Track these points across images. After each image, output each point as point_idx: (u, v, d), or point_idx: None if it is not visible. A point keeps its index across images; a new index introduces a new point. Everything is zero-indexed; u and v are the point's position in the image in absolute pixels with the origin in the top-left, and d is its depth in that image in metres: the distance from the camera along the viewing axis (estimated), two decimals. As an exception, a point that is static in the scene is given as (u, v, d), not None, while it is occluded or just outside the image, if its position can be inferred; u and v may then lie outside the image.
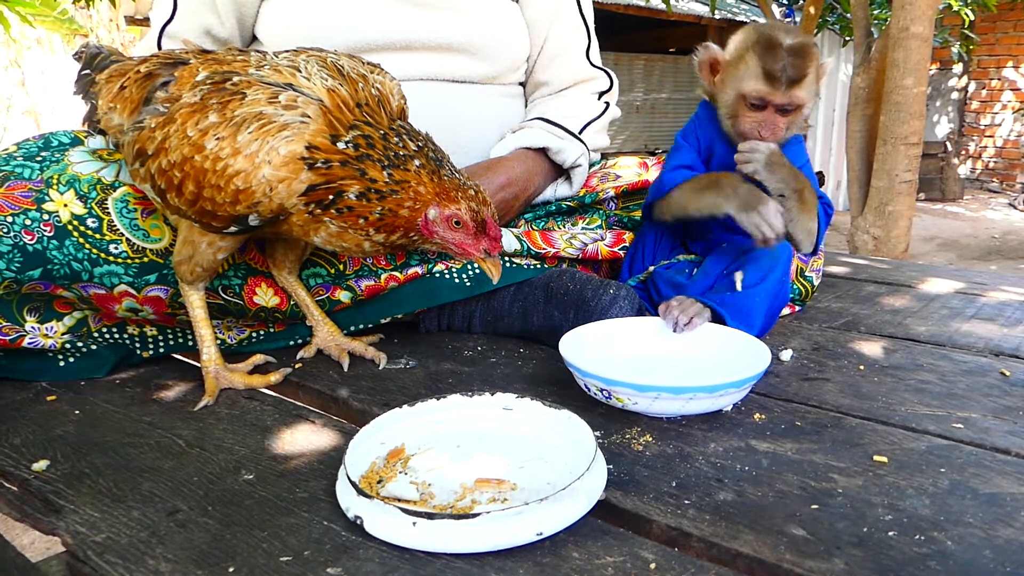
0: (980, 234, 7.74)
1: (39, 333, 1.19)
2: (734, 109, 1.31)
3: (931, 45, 4.14)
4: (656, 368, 1.14)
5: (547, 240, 1.43)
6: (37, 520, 0.83)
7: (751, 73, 1.26)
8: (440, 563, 0.73)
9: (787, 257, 1.32)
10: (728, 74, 1.31)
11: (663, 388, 0.99)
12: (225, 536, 0.78)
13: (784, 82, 1.24)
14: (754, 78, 1.26)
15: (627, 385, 1.00)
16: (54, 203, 1.14)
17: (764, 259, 1.29)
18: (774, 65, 1.24)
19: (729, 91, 1.31)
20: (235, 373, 1.17)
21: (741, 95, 1.28)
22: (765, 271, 1.29)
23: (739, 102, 1.29)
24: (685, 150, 1.41)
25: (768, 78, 1.25)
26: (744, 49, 1.28)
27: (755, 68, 1.26)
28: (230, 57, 1.09)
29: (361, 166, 1.02)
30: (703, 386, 0.99)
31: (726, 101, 1.32)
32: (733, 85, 1.30)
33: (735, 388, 1.01)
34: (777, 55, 1.24)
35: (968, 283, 1.84)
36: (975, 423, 1.04)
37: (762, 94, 1.26)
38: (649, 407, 1.02)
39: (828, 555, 0.74)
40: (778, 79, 1.24)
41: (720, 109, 1.35)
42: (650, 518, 0.80)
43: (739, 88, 1.28)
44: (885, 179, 4.29)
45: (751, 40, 1.28)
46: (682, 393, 0.99)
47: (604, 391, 1.03)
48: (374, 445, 0.91)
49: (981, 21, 10.00)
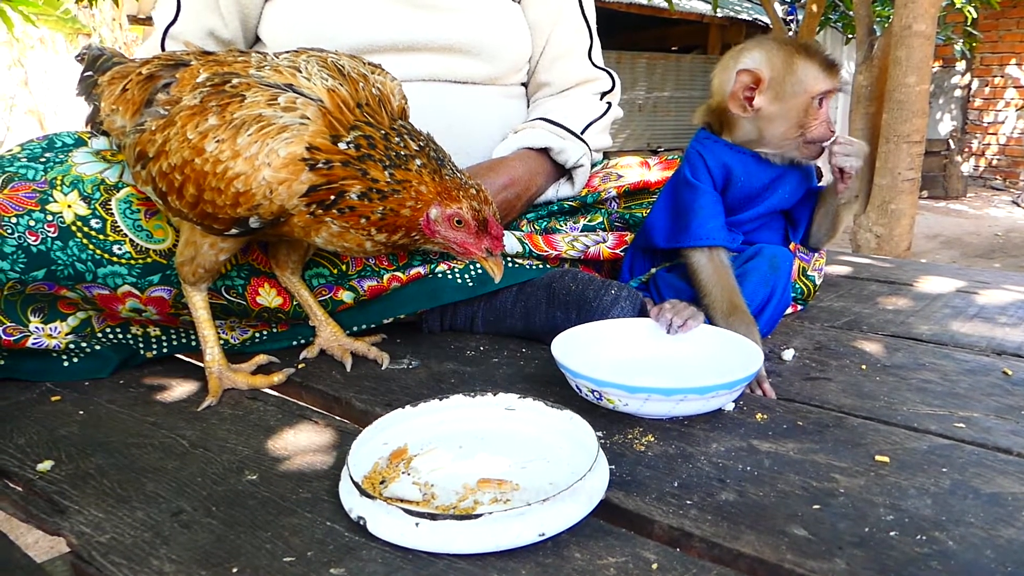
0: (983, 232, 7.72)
1: (43, 333, 1.19)
2: (803, 118, 1.26)
3: (934, 43, 4.13)
4: (649, 369, 1.14)
5: (549, 243, 1.43)
6: (42, 520, 0.83)
7: (814, 73, 1.25)
8: (443, 563, 0.73)
9: (788, 267, 1.32)
10: (781, 88, 1.26)
11: (654, 389, 0.98)
12: (229, 536, 0.79)
13: (838, 69, 1.27)
14: (820, 77, 1.25)
15: (618, 386, 0.99)
16: (58, 204, 1.15)
17: (764, 268, 1.29)
18: (826, 58, 1.26)
19: (794, 101, 1.26)
20: (238, 373, 1.18)
21: (811, 97, 1.25)
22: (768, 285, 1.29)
23: (808, 107, 1.26)
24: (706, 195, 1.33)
25: (830, 70, 1.26)
26: (788, 58, 1.26)
27: (815, 68, 1.25)
28: (231, 58, 1.10)
29: (362, 166, 1.02)
30: (694, 387, 0.99)
31: (792, 113, 1.27)
32: (800, 94, 1.26)
33: (726, 390, 1.00)
34: (819, 51, 1.26)
35: (971, 282, 1.84)
36: (977, 423, 1.04)
37: (832, 84, 1.26)
38: (640, 408, 1.02)
39: (830, 555, 0.74)
40: (835, 67, 1.26)
41: (775, 128, 1.29)
42: (652, 518, 0.80)
43: (811, 91, 1.25)
44: (888, 177, 4.28)
45: (785, 51, 1.26)
46: (673, 394, 0.99)
47: (595, 392, 1.03)
48: (377, 445, 0.92)
49: (984, 18, 9.98)
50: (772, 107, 1.27)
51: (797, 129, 1.28)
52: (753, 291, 1.28)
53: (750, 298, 1.26)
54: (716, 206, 1.33)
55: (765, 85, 1.26)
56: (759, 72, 1.26)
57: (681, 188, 1.36)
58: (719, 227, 1.31)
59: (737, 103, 1.28)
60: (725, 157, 1.33)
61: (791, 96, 1.26)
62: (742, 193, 1.35)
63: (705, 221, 1.31)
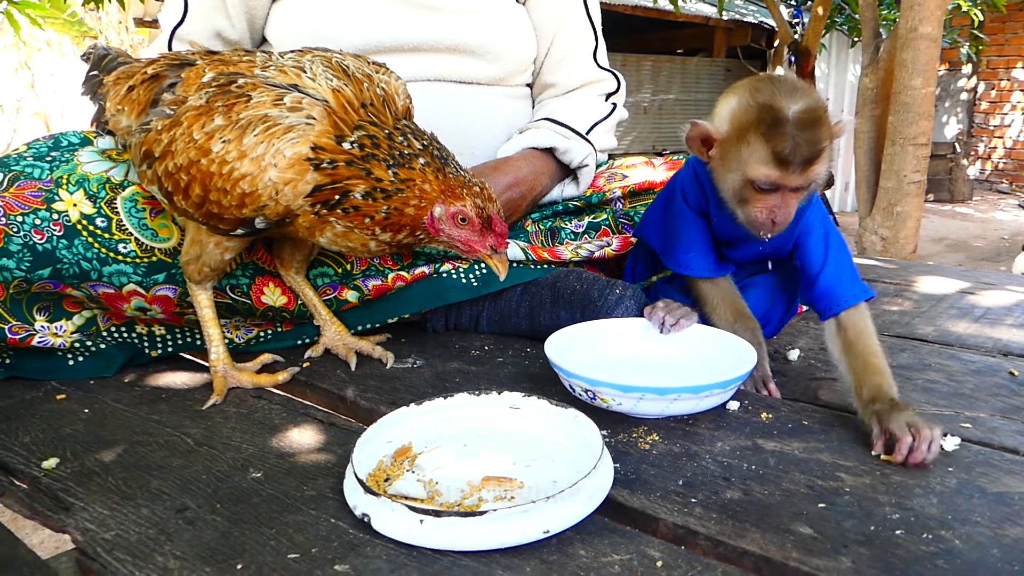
0: (989, 235, 7.70)
1: (48, 332, 1.20)
2: (740, 195, 1.09)
3: (940, 46, 4.13)
4: (642, 368, 1.14)
5: (553, 253, 1.42)
6: (47, 517, 0.83)
7: (758, 157, 1.04)
8: (447, 560, 0.73)
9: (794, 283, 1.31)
10: (727, 154, 1.09)
11: (647, 389, 0.98)
12: (233, 533, 0.79)
13: (798, 164, 1.03)
14: (762, 163, 1.04)
15: (611, 386, 0.99)
16: (64, 203, 1.15)
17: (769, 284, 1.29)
18: (784, 146, 1.01)
19: (732, 175, 1.09)
20: (243, 372, 1.18)
21: (748, 181, 1.07)
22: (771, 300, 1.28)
23: (746, 187, 1.08)
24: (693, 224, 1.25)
25: (779, 162, 1.03)
26: (745, 126, 1.06)
27: (762, 151, 1.03)
28: (236, 58, 1.10)
29: (367, 166, 1.02)
30: (687, 387, 0.99)
31: (729, 185, 1.11)
32: (737, 169, 1.08)
33: (720, 389, 1.00)
34: (786, 132, 1.01)
35: (976, 283, 1.83)
36: (983, 423, 1.03)
37: (773, 179, 1.04)
38: (634, 408, 1.01)
39: (835, 553, 0.74)
40: (791, 162, 1.02)
41: (723, 191, 1.14)
42: (657, 516, 0.80)
43: (745, 174, 1.06)
44: (893, 180, 4.27)
45: (751, 115, 1.05)
46: (667, 394, 0.99)
47: (588, 392, 1.02)
48: (381, 443, 0.92)
49: (991, 21, 9.95)
50: (719, 167, 1.13)
51: (736, 203, 1.12)
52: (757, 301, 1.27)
53: (754, 306, 1.26)
54: (702, 237, 1.25)
55: (716, 144, 1.12)
56: (711, 130, 1.11)
57: (673, 206, 1.29)
58: (701, 259, 1.25)
59: (695, 147, 1.15)
60: (708, 193, 1.22)
61: (731, 168, 1.09)
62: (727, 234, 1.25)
63: (689, 253, 1.26)
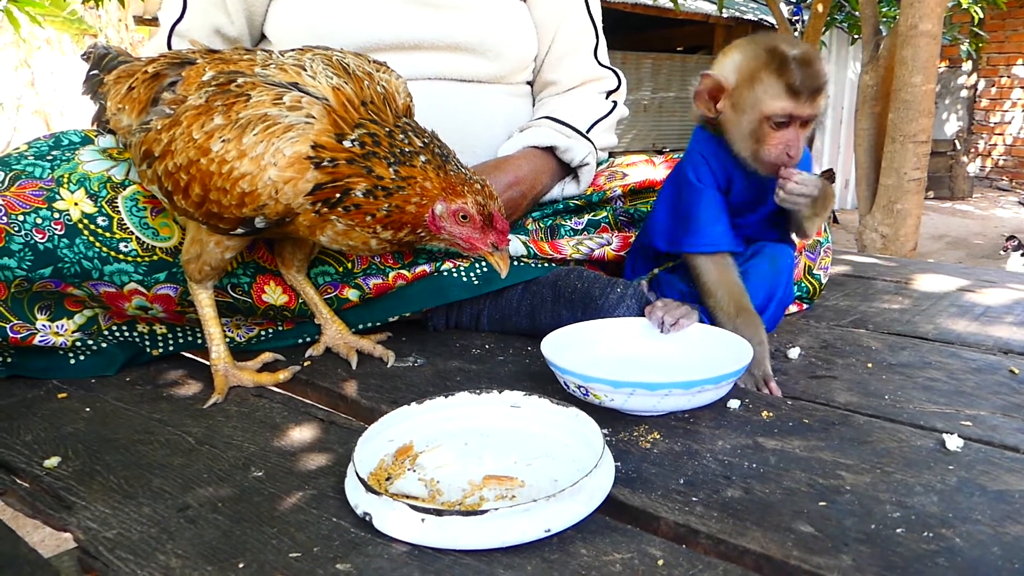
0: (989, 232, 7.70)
1: (50, 331, 1.20)
2: (756, 134, 1.19)
3: (940, 43, 4.12)
4: (640, 367, 1.14)
5: (554, 247, 1.43)
6: (49, 516, 0.83)
7: (772, 92, 1.16)
8: (448, 559, 0.73)
9: (788, 265, 1.31)
10: (741, 100, 1.19)
11: (638, 384, 0.99)
12: (235, 532, 0.79)
13: (807, 94, 1.15)
14: (777, 96, 1.15)
15: (603, 381, 1.00)
16: (65, 202, 1.15)
17: (765, 267, 1.29)
18: (795, 78, 1.14)
19: (747, 116, 1.19)
20: (244, 371, 1.18)
21: (765, 117, 1.17)
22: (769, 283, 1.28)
23: (762, 125, 1.18)
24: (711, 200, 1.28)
25: (792, 93, 1.15)
26: (755, 69, 1.18)
27: (775, 86, 1.15)
28: (236, 56, 1.10)
29: (367, 163, 1.02)
30: (679, 382, 0.99)
31: (744, 128, 1.20)
32: (752, 109, 1.18)
33: (712, 385, 1.01)
34: (793, 68, 1.15)
35: (977, 281, 1.84)
36: (983, 420, 1.03)
37: (789, 110, 1.16)
38: (625, 403, 1.02)
39: (836, 552, 0.74)
40: (801, 92, 1.15)
41: (735, 138, 1.23)
42: (658, 515, 0.80)
43: (762, 110, 1.17)
44: (894, 177, 4.27)
45: (760, 58, 1.18)
46: (658, 389, 0.99)
47: (581, 388, 1.03)
48: (383, 442, 0.92)
49: (991, 18, 9.94)
50: (731, 115, 1.22)
51: (751, 145, 1.21)
52: (754, 290, 1.27)
53: (751, 296, 1.26)
54: (720, 209, 1.29)
55: (728, 92, 1.22)
56: (721, 80, 1.21)
57: (684, 189, 1.32)
58: (723, 232, 1.28)
59: (702, 103, 1.25)
60: (722, 157, 1.28)
61: (746, 110, 1.19)
62: (744, 196, 1.31)
63: (709, 226, 1.27)
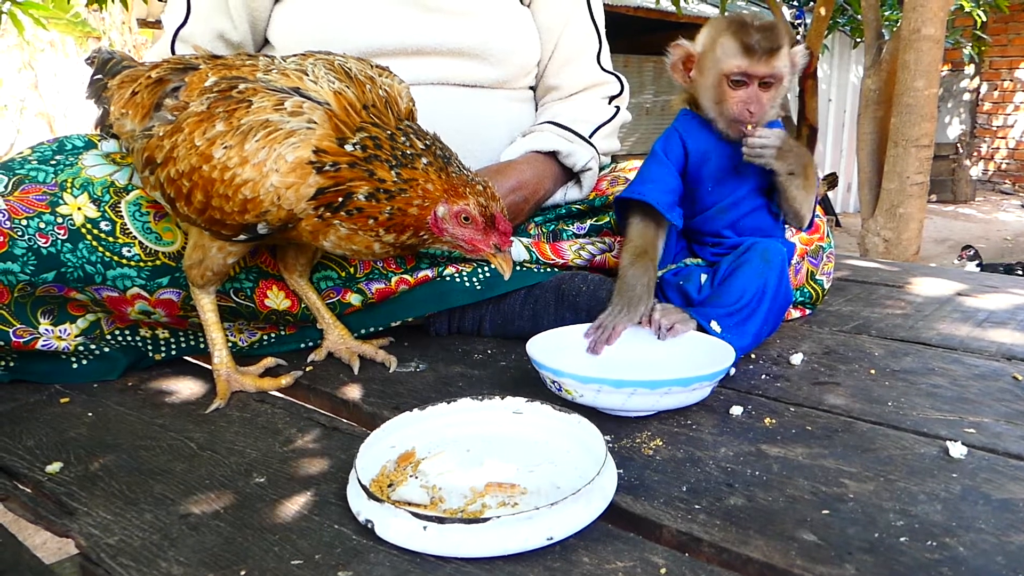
0: (992, 236, 7.70)
1: (53, 335, 1.20)
2: (718, 93, 1.29)
3: (943, 47, 4.12)
4: (629, 368, 1.15)
5: (556, 251, 1.43)
6: (51, 522, 0.83)
7: (729, 52, 1.26)
8: (451, 567, 0.73)
9: (780, 260, 1.31)
10: (705, 63, 1.31)
11: (605, 381, 1.00)
12: (236, 539, 0.79)
13: (761, 53, 1.25)
14: (733, 55, 1.26)
15: (572, 376, 1.02)
16: (68, 206, 1.15)
17: (756, 261, 1.28)
18: (749, 39, 1.25)
19: (709, 77, 1.30)
20: (246, 376, 1.18)
21: (723, 75, 1.27)
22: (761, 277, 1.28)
23: (721, 83, 1.28)
24: (661, 164, 1.38)
25: (747, 51, 1.25)
26: (716, 35, 1.29)
27: (732, 46, 1.26)
28: (239, 62, 1.10)
29: (369, 167, 1.02)
30: (644, 381, 1.00)
31: (708, 88, 1.31)
32: (713, 69, 1.29)
33: (680, 386, 1.01)
34: (749, 30, 1.25)
35: (980, 286, 1.83)
36: (987, 428, 1.03)
37: (744, 68, 1.26)
38: (595, 399, 1.03)
39: (839, 560, 0.73)
40: (756, 50, 1.25)
41: (704, 102, 1.33)
42: (660, 523, 0.80)
43: (720, 69, 1.28)
44: (896, 181, 4.27)
45: (721, 26, 1.29)
46: (623, 387, 1.00)
47: (555, 383, 1.05)
48: (384, 449, 0.92)
49: (993, 22, 9.95)
50: (699, 79, 1.33)
51: (716, 106, 1.30)
52: (745, 284, 1.26)
53: (742, 291, 1.26)
54: (665, 177, 1.36)
55: (696, 60, 1.33)
56: (689, 48, 1.33)
57: (648, 158, 1.41)
58: (654, 190, 1.33)
59: (677, 72, 1.36)
60: (700, 133, 1.36)
61: (708, 72, 1.30)
62: (718, 167, 1.37)
63: (646, 184, 1.34)
